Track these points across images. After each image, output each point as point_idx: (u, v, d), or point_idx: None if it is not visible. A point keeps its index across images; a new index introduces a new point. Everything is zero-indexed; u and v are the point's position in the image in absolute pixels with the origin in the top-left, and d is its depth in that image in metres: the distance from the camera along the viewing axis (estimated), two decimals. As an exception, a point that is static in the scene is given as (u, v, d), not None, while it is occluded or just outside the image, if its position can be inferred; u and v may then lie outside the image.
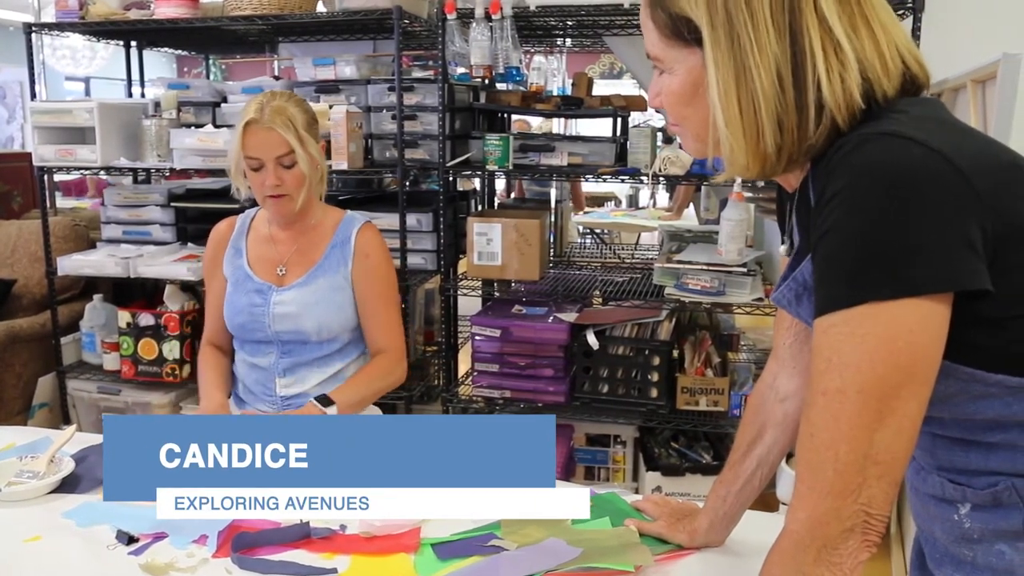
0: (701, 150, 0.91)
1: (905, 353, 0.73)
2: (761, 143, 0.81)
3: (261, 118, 1.69)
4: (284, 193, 1.73)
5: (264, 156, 1.70)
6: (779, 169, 0.84)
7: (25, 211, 4.01)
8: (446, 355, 2.98)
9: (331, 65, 2.90)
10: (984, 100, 1.84)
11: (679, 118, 0.90)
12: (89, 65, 7.58)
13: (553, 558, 1.17)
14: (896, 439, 0.74)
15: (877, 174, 0.73)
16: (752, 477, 1.16)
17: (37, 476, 1.43)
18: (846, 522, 0.75)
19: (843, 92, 0.79)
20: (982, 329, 0.76)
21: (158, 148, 2.90)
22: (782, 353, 1.14)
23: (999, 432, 0.81)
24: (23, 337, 3.10)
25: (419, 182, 3.50)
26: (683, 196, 5.32)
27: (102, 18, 2.95)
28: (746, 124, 0.81)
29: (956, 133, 0.80)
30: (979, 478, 0.83)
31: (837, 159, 0.77)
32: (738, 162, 0.84)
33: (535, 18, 2.67)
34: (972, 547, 0.85)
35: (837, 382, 0.75)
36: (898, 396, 0.74)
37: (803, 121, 0.80)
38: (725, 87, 0.81)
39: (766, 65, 0.79)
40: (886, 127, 0.76)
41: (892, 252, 0.72)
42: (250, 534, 1.26)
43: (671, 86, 0.88)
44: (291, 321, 1.77)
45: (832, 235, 0.75)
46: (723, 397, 2.61)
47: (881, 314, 0.73)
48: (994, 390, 0.78)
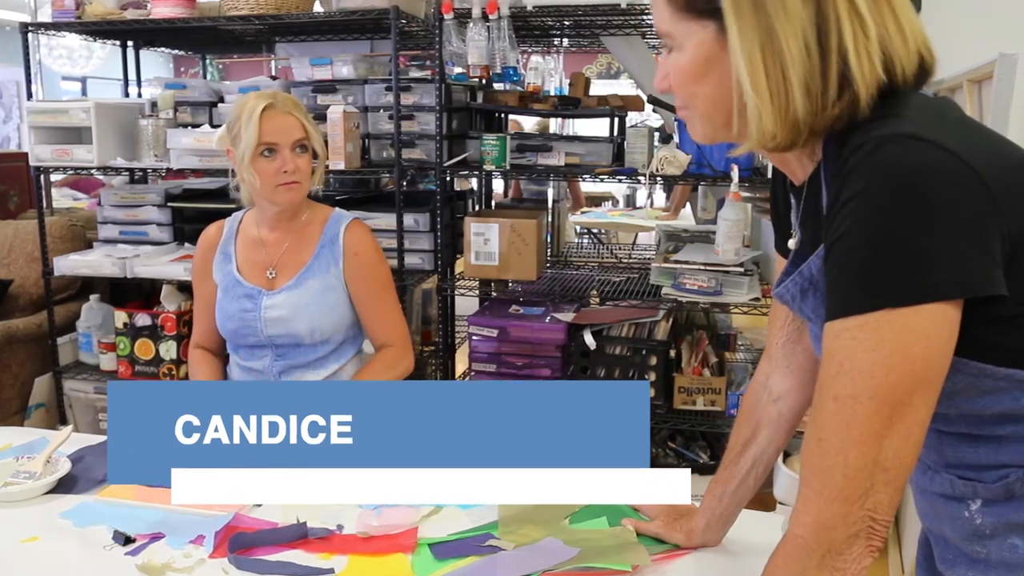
0: (710, 133, 0.89)
1: (920, 360, 0.73)
2: (791, 108, 0.79)
3: (277, 103, 1.74)
4: (297, 180, 1.75)
5: (282, 140, 1.73)
6: (803, 139, 0.82)
7: (21, 211, 4.01)
8: (443, 355, 2.98)
9: (328, 65, 2.90)
10: (980, 100, 1.85)
11: (688, 97, 0.88)
12: (86, 65, 7.57)
13: (550, 558, 1.17)
14: (905, 445, 0.74)
15: (896, 178, 0.73)
16: (747, 477, 1.16)
17: (34, 476, 1.43)
18: (852, 527, 0.75)
19: (869, 64, 0.78)
20: (994, 327, 0.76)
21: (155, 148, 2.90)
22: (775, 352, 1.13)
23: (1009, 425, 0.80)
24: (19, 337, 3.09)
25: (416, 182, 3.50)
26: (680, 196, 5.32)
27: (99, 18, 2.95)
28: (774, 89, 0.79)
29: (970, 132, 0.79)
30: (989, 472, 0.83)
31: (855, 160, 0.75)
32: (767, 130, 0.81)
33: (532, 18, 2.67)
34: (985, 543, 0.84)
35: (849, 388, 0.75)
36: (910, 403, 0.74)
37: (828, 88, 0.78)
38: (750, 53, 0.79)
39: (793, 29, 0.77)
40: (906, 128, 0.75)
41: (909, 257, 0.72)
42: (247, 534, 1.26)
43: (679, 64, 0.86)
44: (283, 325, 1.77)
45: (848, 238, 0.74)
46: (720, 397, 2.61)
47: (897, 321, 0.73)
48: (1003, 384, 0.78)
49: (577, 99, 2.93)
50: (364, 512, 1.34)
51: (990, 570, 0.84)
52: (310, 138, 1.77)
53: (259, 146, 1.71)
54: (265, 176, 1.73)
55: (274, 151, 1.72)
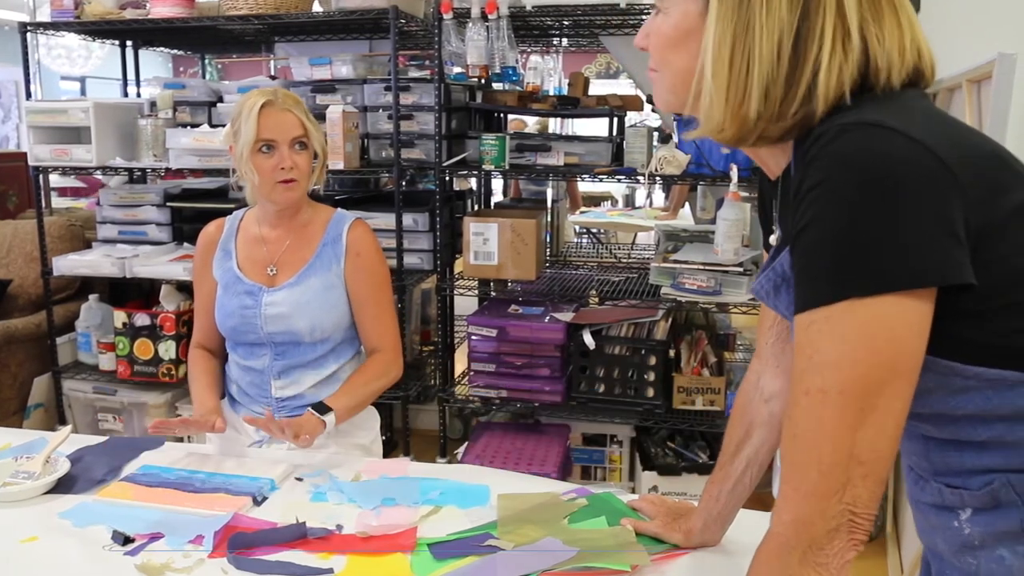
0: (672, 103, 0.89)
1: (887, 350, 0.72)
2: (744, 106, 0.79)
3: (276, 100, 1.73)
4: (295, 178, 1.75)
5: (280, 137, 1.72)
6: (750, 140, 0.82)
7: (21, 211, 4.01)
8: (442, 355, 2.98)
9: (327, 65, 2.90)
10: (980, 100, 1.85)
11: (660, 63, 0.88)
12: (85, 65, 7.55)
13: (549, 558, 1.17)
14: (879, 437, 0.73)
15: (857, 165, 0.72)
16: (743, 476, 1.16)
17: (33, 477, 1.43)
18: (831, 522, 0.75)
19: (836, 84, 0.77)
20: (962, 322, 0.75)
21: (154, 148, 2.90)
22: (765, 352, 1.13)
23: (985, 429, 0.80)
24: (19, 337, 3.09)
25: (415, 182, 3.50)
26: (679, 195, 5.32)
27: (98, 17, 2.95)
28: (733, 82, 0.79)
29: (938, 123, 0.78)
30: (975, 478, 0.82)
31: (816, 149, 0.75)
32: (714, 120, 0.81)
33: (531, 18, 2.68)
34: (976, 554, 0.84)
35: (818, 381, 0.74)
36: (881, 394, 0.73)
37: (788, 98, 0.78)
38: (720, 39, 0.79)
39: (770, 29, 0.77)
40: (867, 116, 0.74)
41: (872, 247, 0.71)
42: (246, 534, 1.26)
43: (662, 27, 0.86)
44: (283, 322, 1.76)
45: (811, 229, 0.74)
46: (719, 396, 2.61)
47: (861, 311, 0.71)
48: (973, 383, 0.77)
49: (576, 99, 2.93)
50: (363, 512, 1.34)
51: None
52: (309, 136, 1.76)
53: (257, 142, 1.71)
54: (263, 172, 1.73)
55: (272, 147, 1.72)
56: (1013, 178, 0.77)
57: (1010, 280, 0.74)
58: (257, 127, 1.71)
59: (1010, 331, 0.75)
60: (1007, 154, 0.80)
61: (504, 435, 2.82)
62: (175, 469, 1.51)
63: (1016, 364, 0.76)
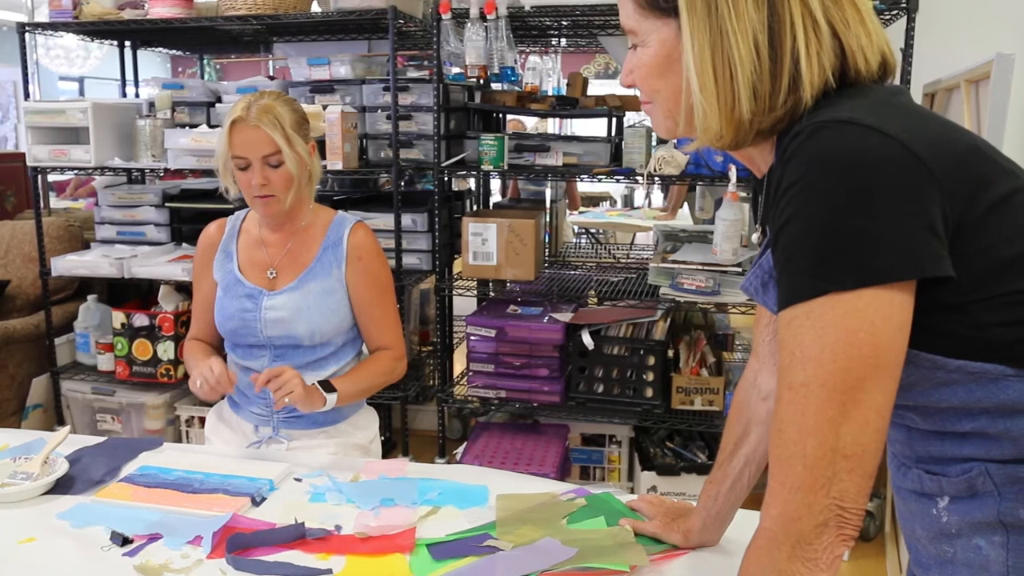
0: (672, 128, 0.90)
1: (867, 344, 0.73)
2: (736, 109, 0.81)
3: (247, 116, 1.67)
4: (271, 194, 1.72)
5: (250, 155, 1.68)
6: (749, 139, 0.84)
7: (19, 211, 4.00)
8: (441, 355, 2.98)
9: (326, 65, 2.90)
10: (978, 100, 1.85)
11: (650, 93, 0.90)
12: (83, 65, 7.55)
13: (549, 558, 1.17)
14: (863, 431, 0.74)
15: (833, 163, 0.73)
16: (741, 475, 1.16)
17: (31, 477, 1.43)
18: (818, 517, 0.75)
19: (819, 69, 0.79)
20: (942, 315, 0.76)
21: (152, 148, 2.90)
22: (762, 350, 1.14)
23: (968, 421, 0.80)
24: (17, 338, 3.09)
25: (414, 182, 3.50)
26: (677, 196, 5.32)
27: (96, 18, 2.94)
28: (721, 90, 0.81)
29: (914, 118, 0.79)
30: (954, 466, 0.83)
31: (794, 146, 0.76)
32: (711, 129, 0.83)
33: (530, 18, 2.68)
34: (952, 542, 0.84)
35: (800, 376, 0.75)
36: (862, 388, 0.73)
37: (776, 91, 0.80)
38: (700, 52, 0.81)
39: (743, 31, 0.79)
40: (842, 114, 0.76)
41: (851, 242, 0.72)
42: (245, 535, 1.26)
43: (643, 59, 0.88)
44: (283, 326, 1.76)
45: (790, 226, 0.75)
46: (718, 397, 2.61)
47: (839, 306, 0.72)
48: (955, 376, 0.78)
49: (575, 99, 2.93)
50: (362, 512, 1.34)
51: (956, 571, 0.84)
52: (282, 153, 1.68)
53: (232, 159, 1.70)
54: (242, 186, 1.73)
55: (246, 163, 1.70)
56: (994, 171, 0.78)
57: (992, 273, 0.75)
58: (228, 144, 1.69)
59: (992, 324, 0.76)
60: (987, 147, 0.81)
61: (503, 435, 2.82)
62: (174, 470, 1.51)
63: (998, 357, 0.76)
